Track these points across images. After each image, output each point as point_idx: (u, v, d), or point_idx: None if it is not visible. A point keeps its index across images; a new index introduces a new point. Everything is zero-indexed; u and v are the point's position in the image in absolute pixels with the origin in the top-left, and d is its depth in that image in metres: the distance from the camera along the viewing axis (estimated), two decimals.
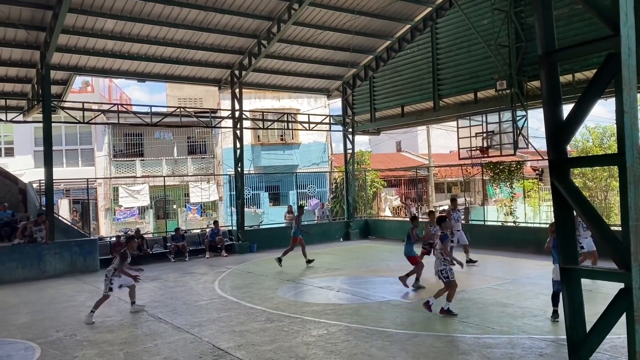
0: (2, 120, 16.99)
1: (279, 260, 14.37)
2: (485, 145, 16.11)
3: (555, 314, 8.01)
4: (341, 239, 21.15)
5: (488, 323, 8.03)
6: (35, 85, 16.40)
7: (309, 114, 22.49)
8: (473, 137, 16.38)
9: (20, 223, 15.57)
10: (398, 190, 30.31)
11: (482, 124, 16.18)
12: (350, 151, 22.44)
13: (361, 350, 6.90)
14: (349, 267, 14.68)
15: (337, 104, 24.61)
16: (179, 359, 6.84)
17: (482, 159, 17.67)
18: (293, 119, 23.42)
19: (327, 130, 25.88)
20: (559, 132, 4.69)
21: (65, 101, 17.69)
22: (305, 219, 23.95)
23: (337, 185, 28.35)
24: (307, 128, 22.40)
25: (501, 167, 18.45)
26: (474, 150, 16.38)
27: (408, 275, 11.08)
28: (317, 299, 10.35)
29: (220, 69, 18.76)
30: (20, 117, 17.42)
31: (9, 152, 27.39)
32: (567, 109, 4.84)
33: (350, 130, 22.26)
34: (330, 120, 23.34)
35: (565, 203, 4.64)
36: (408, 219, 22.95)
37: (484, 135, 16.04)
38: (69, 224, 18.66)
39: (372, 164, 30.88)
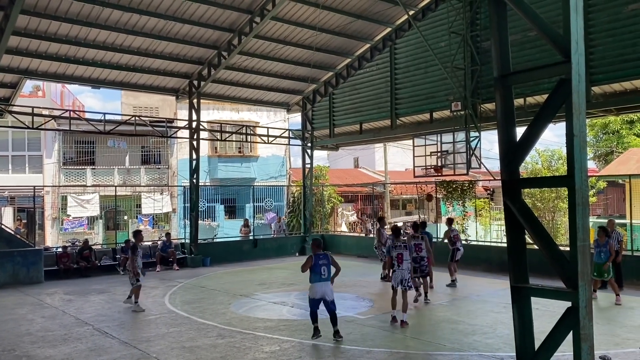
0: None
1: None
2: (439, 164, 16.43)
3: None
4: (297, 254, 21.05)
5: (440, 340, 8.11)
6: None
7: (268, 127, 22.42)
8: (428, 155, 16.68)
9: None
10: (355, 206, 30.50)
11: (437, 144, 16.52)
12: (308, 166, 22.45)
13: None
14: (304, 282, 14.43)
15: (296, 118, 24.71)
16: None
17: (436, 177, 18.02)
18: (252, 132, 23.28)
19: (286, 145, 25.87)
20: (512, 153, 4.81)
21: (13, 105, 17.00)
22: (262, 233, 23.82)
23: (294, 200, 28.27)
24: (266, 141, 22.31)
25: (454, 185, 18.86)
26: (428, 168, 16.68)
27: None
28: (271, 315, 10.22)
29: (178, 79, 18.48)
30: None
31: None
32: (519, 131, 5.00)
33: (309, 145, 22.30)
34: (289, 134, 23.33)
35: (517, 222, 4.75)
36: (364, 235, 23.17)
37: (439, 154, 16.37)
38: (13, 233, 17.80)
39: (330, 179, 31.00)
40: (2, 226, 16.79)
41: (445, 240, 14.19)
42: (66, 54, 15.59)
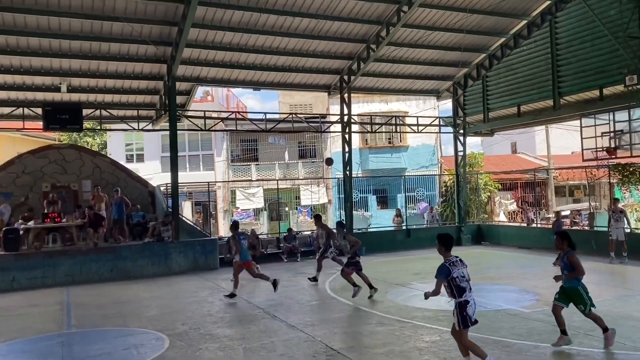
0: (135, 129, 18.72)
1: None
2: (612, 145, 14.88)
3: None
4: None
5: (619, 338, 7.39)
6: (163, 96, 17.84)
7: (417, 116, 22.18)
8: (598, 136, 15.23)
9: (150, 223, 17.01)
10: (514, 194, 28.84)
11: (609, 123, 14.99)
12: (461, 153, 21.78)
13: None
14: None
15: (447, 105, 24.04)
16: (294, 357, 7.07)
17: (610, 160, 16.32)
18: (401, 122, 23.23)
19: (437, 133, 25.35)
20: None
21: (188, 110, 19.05)
22: (414, 223, 23.71)
23: (447, 189, 27.63)
24: (416, 130, 22.10)
25: (631, 169, 16.86)
26: (599, 151, 15.19)
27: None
28: (429, 305, 10.10)
29: (330, 75, 19.13)
30: (150, 126, 19.03)
31: (140, 158, 30.04)
32: None
33: (461, 131, 21.61)
34: (440, 122, 22.84)
35: None
36: (525, 224, 21.85)
37: (611, 134, 14.82)
38: (192, 224, 20.01)
39: (485, 166, 29.69)
40: (184, 218, 18.95)
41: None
42: (230, 60, 17.03)
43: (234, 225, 12.19)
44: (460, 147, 21.75)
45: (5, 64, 15.33)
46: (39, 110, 15.87)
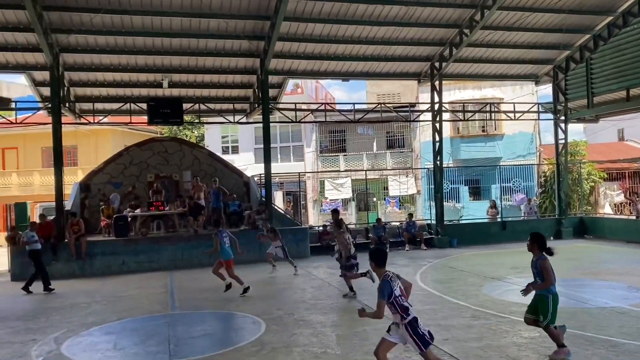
0: (230, 122, 19.50)
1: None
2: None
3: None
4: (552, 238, 19.49)
5: None
6: (256, 90, 18.41)
7: (514, 103, 21.17)
8: None
9: (246, 212, 17.67)
10: (621, 185, 26.76)
11: None
12: (562, 141, 20.53)
13: (580, 358, 6.31)
14: (562, 268, 13.39)
15: (546, 90, 22.74)
16: None
17: None
18: (496, 109, 22.30)
19: (535, 120, 24.08)
20: None
21: (280, 103, 19.52)
22: (510, 215, 22.73)
23: (546, 179, 26.20)
24: (512, 118, 21.12)
25: None
26: None
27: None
28: (526, 299, 9.72)
29: (420, 63, 18.76)
30: (244, 119, 19.73)
31: (235, 150, 31.30)
32: None
33: (562, 118, 20.36)
34: (538, 108, 21.66)
35: None
36: (634, 217, 20.22)
37: None
38: (284, 213, 20.56)
39: (589, 155, 27.79)
40: (276, 208, 19.50)
41: None
42: (320, 52, 17.21)
43: (215, 223, 12.22)
44: (561, 135, 20.50)
45: (115, 62, 16.55)
46: (144, 105, 16.97)
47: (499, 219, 20.59)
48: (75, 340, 8.06)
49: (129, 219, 16.25)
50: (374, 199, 29.04)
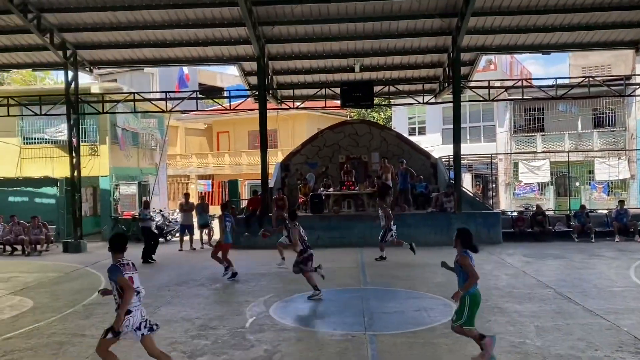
0: (419, 103, 19.39)
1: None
2: None
3: None
4: None
5: None
6: (446, 69, 17.96)
7: None
8: None
9: (433, 194, 17.51)
10: None
11: None
12: None
13: None
14: None
15: None
16: (594, 344, 6.45)
17: None
18: None
19: None
20: None
21: (471, 81, 18.78)
22: None
23: None
24: None
25: None
26: None
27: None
28: None
29: (637, 29, 16.38)
30: (433, 99, 19.44)
31: (422, 131, 31.03)
32: None
33: None
34: None
35: None
36: None
37: None
38: (474, 196, 19.88)
39: None
40: (466, 190, 18.94)
41: None
42: (518, 24, 16.11)
43: (224, 205, 12.37)
44: None
45: (312, 50, 17.60)
46: (337, 90, 17.76)
47: None
48: (281, 305, 8.91)
49: (323, 197, 17.28)
50: (577, 184, 26.37)
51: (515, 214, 17.97)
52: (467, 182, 26.22)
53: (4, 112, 18.11)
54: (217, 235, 16.99)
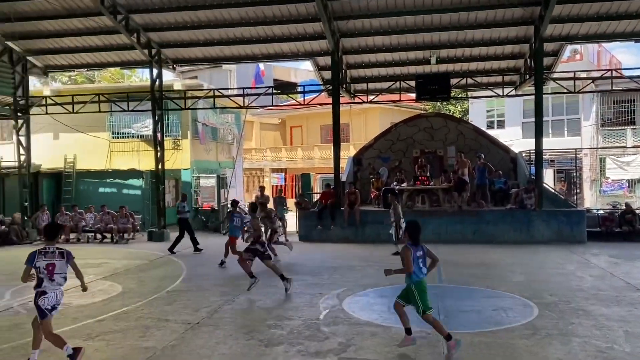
0: (499, 95, 18.74)
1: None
2: None
3: None
4: None
5: None
6: (528, 60, 17.21)
7: None
8: None
9: (512, 190, 16.88)
10: None
11: None
12: None
13: None
14: None
15: None
16: None
17: None
18: None
19: None
20: None
21: (555, 72, 17.88)
22: None
23: None
24: None
25: None
26: None
27: None
28: None
29: None
30: (513, 92, 18.69)
31: (500, 124, 29.87)
32: None
33: None
34: None
35: None
36: None
37: None
38: (556, 193, 18.98)
39: None
40: (547, 186, 18.11)
41: None
42: (607, 11, 15.26)
43: (233, 203, 13.09)
44: None
45: (386, 43, 17.45)
46: (412, 83, 17.50)
47: None
48: (354, 299, 8.95)
49: (396, 191, 17.10)
50: None
51: (601, 212, 16.95)
52: (548, 178, 24.98)
53: (95, 108, 19.33)
54: (290, 227, 17.38)
